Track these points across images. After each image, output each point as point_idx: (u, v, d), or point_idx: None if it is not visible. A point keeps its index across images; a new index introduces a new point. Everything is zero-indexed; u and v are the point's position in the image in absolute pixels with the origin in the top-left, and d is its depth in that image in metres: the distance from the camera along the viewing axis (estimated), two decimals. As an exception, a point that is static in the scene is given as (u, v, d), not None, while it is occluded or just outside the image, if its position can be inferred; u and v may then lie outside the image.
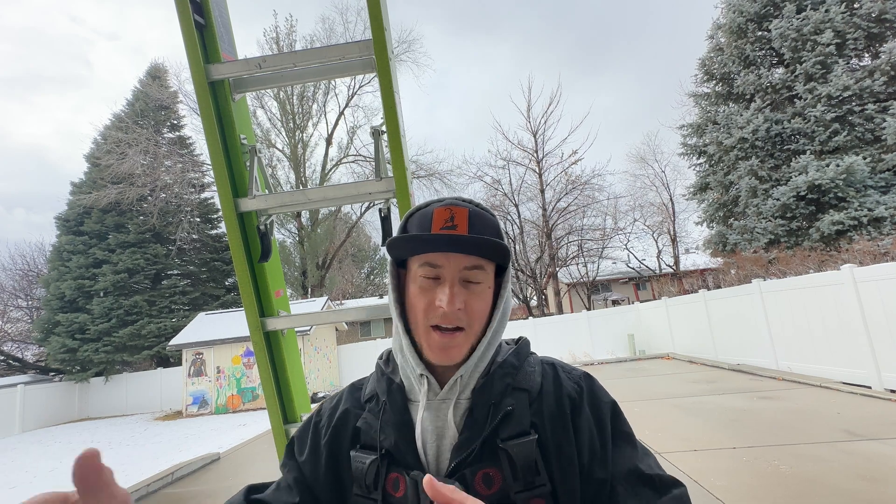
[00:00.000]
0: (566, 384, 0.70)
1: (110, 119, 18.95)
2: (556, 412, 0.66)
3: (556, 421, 0.65)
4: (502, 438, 0.62)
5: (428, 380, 0.66)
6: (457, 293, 0.63)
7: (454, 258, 0.64)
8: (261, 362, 1.95)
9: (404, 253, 0.68)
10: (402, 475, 0.63)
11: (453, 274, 0.64)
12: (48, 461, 8.91)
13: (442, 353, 0.64)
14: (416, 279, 0.66)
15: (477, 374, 0.67)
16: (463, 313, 0.63)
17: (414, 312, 0.66)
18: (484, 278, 0.66)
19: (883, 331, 5.91)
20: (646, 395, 7.64)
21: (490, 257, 0.65)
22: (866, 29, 11.42)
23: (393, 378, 0.70)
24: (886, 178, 10.79)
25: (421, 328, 0.65)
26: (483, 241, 0.62)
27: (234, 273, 2.11)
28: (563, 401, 0.67)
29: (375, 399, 0.71)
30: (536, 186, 23.90)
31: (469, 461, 0.61)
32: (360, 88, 21.47)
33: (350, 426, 0.71)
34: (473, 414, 0.65)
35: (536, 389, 0.68)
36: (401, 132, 1.86)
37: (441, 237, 0.63)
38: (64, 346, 16.07)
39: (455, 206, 0.67)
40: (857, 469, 3.61)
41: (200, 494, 5.48)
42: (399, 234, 0.67)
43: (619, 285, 28.08)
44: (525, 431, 0.63)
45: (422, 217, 0.68)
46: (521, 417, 0.64)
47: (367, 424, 0.68)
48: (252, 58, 1.92)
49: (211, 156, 1.92)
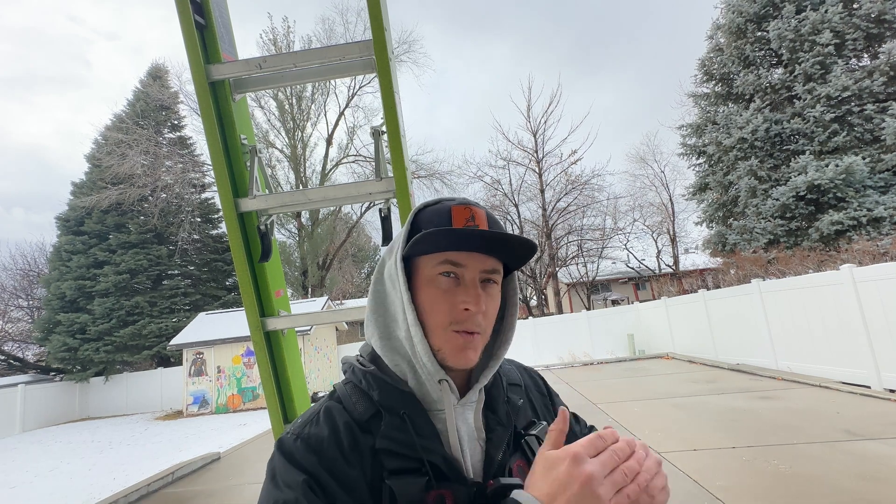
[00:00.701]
0: (537, 378, 0.83)
1: (111, 119, 18.97)
2: (541, 402, 0.78)
3: (544, 410, 0.77)
4: (521, 429, 0.68)
5: (450, 385, 0.63)
6: (480, 295, 0.62)
7: (477, 258, 0.62)
8: (261, 362, 1.96)
9: (423, 248, 0.63)
10: (448, 490, 0.57)
11: (474, 275, 0.62)
12: (48, 461, 8.91)
13: (462, 356, 0.61)
14: (431, 279, 0.63)
15: (490, 376, 0.69)
16: (482, 317, 0.62)
17: (433, 315, 0.62)
18: (499, 280, 0.66)
19: (882, 331, 5.91)
20: (645, 394, 7.64)
21: (515, 259, 0.66)
22: (865, 29, 11.43)
23: (403, 389, 0.64)
24: (885, 179, 10.80)
25: (439, 331, 0.62)
26: (519, 241, 0.61)
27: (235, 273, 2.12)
28: (543, 392, 0.81)
29: (387, 414, 0.61)
30: (536, 186, 23.92)
31: (504, 458, 0.64)
32: (360, 89, 21.48)
33: (365, 451, 0.59)
34: (495, 412, 0.67)
35: (523, 384, 0.77)
36: (401, 132, 1.87)
37: (474, 231, 0.60)
38: (64, 345, 16.08)
39: (472, 205, 0.65)
40: (856, 469, 3.62)
41: (200, 494, 5.48)
42: (435, 228, 0.61)
43: (619, 285, 28.08)
44: (532, 421, 0.71)
45: (437, 214, 0.65)
46: (526, 409, 0.72)
47: (396, 443, 0.59)
48: (252, 58, 1.93)
49: (211, 156, 1.93)
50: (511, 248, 0.63)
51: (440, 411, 0.64)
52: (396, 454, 0.58)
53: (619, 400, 7.41)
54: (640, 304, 14.78)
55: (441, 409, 0.63)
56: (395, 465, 0.58)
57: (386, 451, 0.59)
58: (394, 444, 0.59)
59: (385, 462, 0.58)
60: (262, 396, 12.99)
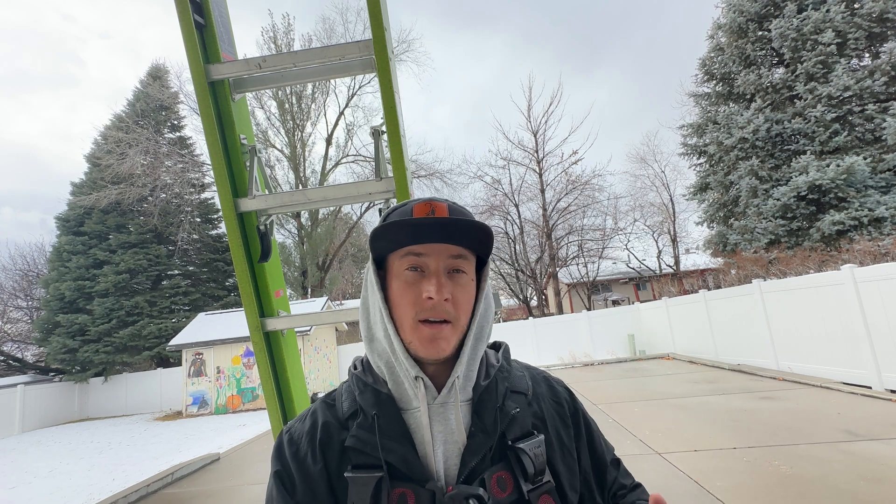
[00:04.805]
0: (558, 388, 0.77)
1: (111, 119, 18.97)
2: (556, 414, 0.72)
3: (558, 422, 0.72)
4: (511, 440, 0.64)
5: (424, 382, 0.64)
6: (444, 283, 0.63)
7: (439, 247, 0.64)
8: (261, 362, 1.95)
9: (388, 244, 0.66)
10: (410, 489, 0.60)
11: (438, 264, 0.64)
12: (48, 461, 8.91)
13: (431, 346, 0.62)
14: (399, 274, 0.65)
15: (472, 374, 0.67)
16: (450, 305, 0.63)
17: (400, 309, 0.64)
18: (468, 268, 0.67)
19: (883, 331, 5.90)
20: (646, 395, 7.63)
21: (475, 243, 0.66)
22: (867, 29, 11.41)
23: (379, 389, 0.67)
24: (887, 179, 10.78)
25: (408, 324, 0.63)
26: (469, 224, 0.62)
27: (235, 273, 2.11)
28: (561, 404, 0.74)
29: (361, 413, 0.65)
30: (536, 186, 23.92)
31: (483, 466, 0.62)
32: (359, 88, 21.48)
33: (336, 446, 0.65)
34: (481, 417, 0.65)
35: (531, 393, 0.72)
36: (401, 132, 1.86)
37: (428, 219, 0.62)
38: (64, 346, 16.07)
39: (434, 201, 0.68)
40: (857, 469, 3.61)
41: (200, 494, 5.47)
42: (381, 224, 0.65)
43: (620, 285, 28.07)
44: (529, 432, 0.66)
45: (401, 214, 0.68)
46: (525, 419, 0.67)
47: (361, 441, 0.63)
48: (252, 58, 1.92)
49: (211, 156, 1.92)
50: (469, 234, 0.64)
51: (416, 409, 0.65)
52: (360, 451, 0.63)
53: (619, 400, 7.39)
54: (641, 304, 14.76)
55: (417, 406, 0.65)
56: (358, 462, 0.62)
57: (353, 448, 0.63)
58: (359, 443, 0.63)
59: (352, 458, 0.63)
60: (261, 397, 12.98)
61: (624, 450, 4.76)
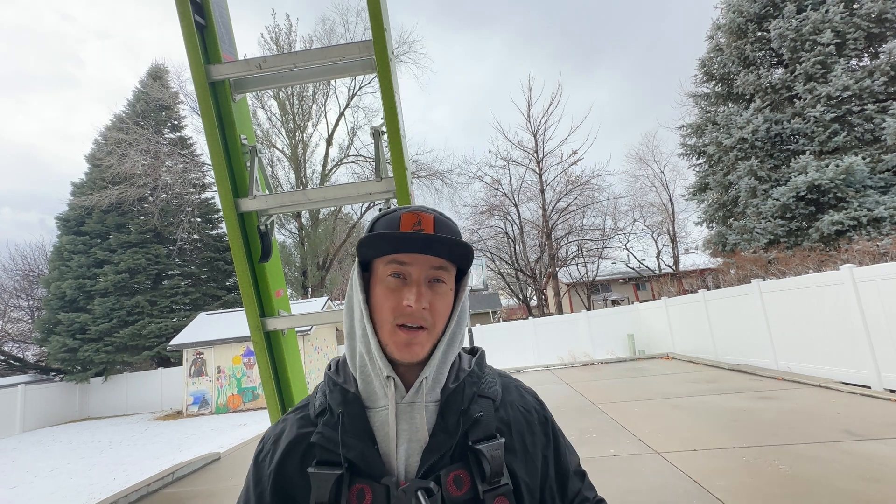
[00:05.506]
0: (527, 398, 0.79)
1: (111, 119, 18.99)
2: (524, 421, 0.74)
3: (525, 429, 0.73)
4: (472, 441, 0.66)
5: (395, 382, 0.66)
6: (423, 293, 0.66)
7: (422, 258, 0.67)
8: (261, 362, 1.96)
9: (374, 252, 0.69)
10: (368, 485, 0.63)
11: (420, 273, 0.67)
12: (49, 461, 8.92)
13: (406, 350, 0.65)
14: (382, 279, 0.68)
15: (442, 377, 0.70)
16: (427, 313, 0.66)
17: (381, 313, 0.67)
18: (448, 279, 0.70)
19: (882, 331, 5.91)
20: (646, 395, 7.63)
21: (455, 257, 0.69)
22: (866, 29, 11.42)
23: (347, 388, 0.70)
24: (886, 179, 10.79)
25: (387, 328, 0.66)
26: (450, 241, 0.66)
27: (235, 273, 2.12)
28: (529, 412, 0.76)
29: (329, 411, 0.68)
30: (536, 186, 23.93)
31: (441, 463, 0.64)
32: (360, 89, 21.49)
33: (302, 446, 0.68)
34: (444, 418, 0.67)
35: (499, 399, 0.74)
36: (401, 132, 1.87)
37: (413, 234, 0.66)
38: (64, 345, 16.08)
39: (422, 211, 0.71)
40: (856, 469, 3.61)
41: (200, 494, 5.48)
42: (369, 233, 0.69)
43: (619, 285, 28.08)
44: (492, 435, 0.68)
45: (389, 221, 0.71)
46: (489, 423, 0.69)
47: (325, 438, 0.66)
48: (252, 58, 1.93)
49: (211, 156, 1.93)
50: (449, 248, 0.67)
51: (384, 408, 0.67)
52: (324, 448, 0.65)
53: (619, 400, 7.40)
54: (641, 304, 14.76)
55: (385, 405, 0.67)
56: (322, 457, 0.65)
57: (318, 445, 0.66)
58: (323, 439, 0.66)
59: (317, 454, 0.66)
60: (262, 396, 12.99)
61: (623, 449, 4.77)
